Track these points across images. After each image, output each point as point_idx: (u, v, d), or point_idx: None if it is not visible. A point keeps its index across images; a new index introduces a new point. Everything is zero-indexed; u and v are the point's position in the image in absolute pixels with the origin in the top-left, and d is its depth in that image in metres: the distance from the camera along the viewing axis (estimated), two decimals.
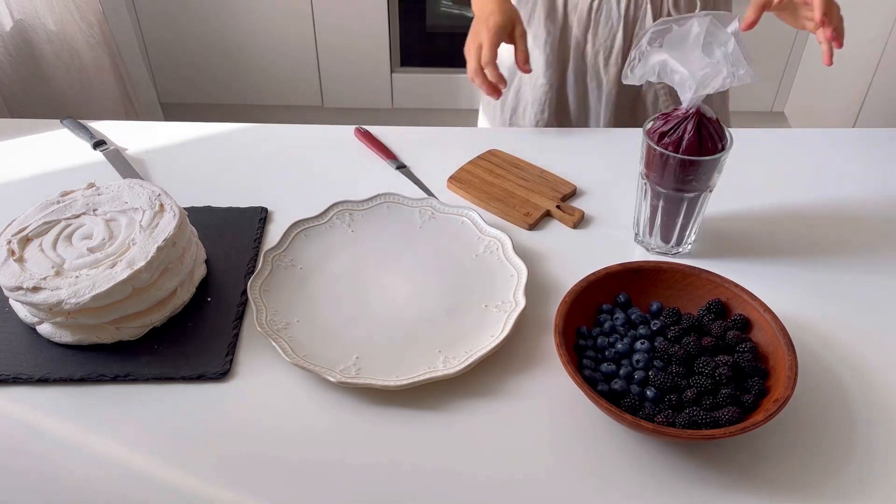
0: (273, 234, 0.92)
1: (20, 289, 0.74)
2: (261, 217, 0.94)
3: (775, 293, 0.79)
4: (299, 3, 2.29)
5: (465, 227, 0.91)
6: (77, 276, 0.75)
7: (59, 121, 1.13)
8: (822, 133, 1.12)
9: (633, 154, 0.91)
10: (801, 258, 0.89)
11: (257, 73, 2.46)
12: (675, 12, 1.12)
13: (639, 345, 0.73)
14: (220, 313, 0.81)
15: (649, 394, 0.69)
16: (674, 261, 0.84)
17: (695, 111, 0.79)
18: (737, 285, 0.76)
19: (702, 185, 0.82)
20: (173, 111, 2.54)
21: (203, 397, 0.73)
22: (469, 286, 0.84)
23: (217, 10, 2.32)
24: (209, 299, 0.83)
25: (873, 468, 0.67)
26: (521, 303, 0.79)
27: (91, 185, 0.87)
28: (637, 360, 0.72)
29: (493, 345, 0.74)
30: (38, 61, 1.77)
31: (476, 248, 0.89)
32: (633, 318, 0.76)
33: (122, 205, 0.83)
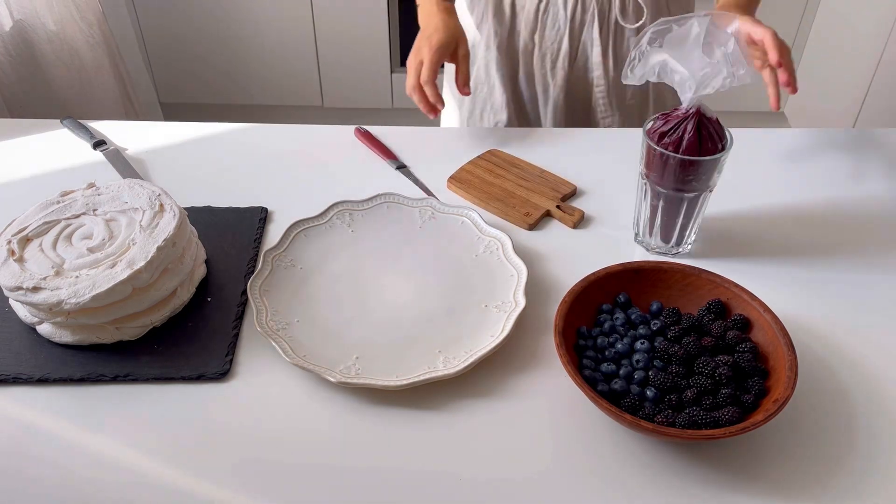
0: (273, 234, 0.92)
1: (20, 289, 0.74)
2: (261, 217, 0.94)
3: (775, 293, 0.79)
4: (299, 3, 2.29)
5: (465, 227, 0.91)
6: (77, 276, 0.75)
7: (59, 121, 1.12)
8: (822, 133, 1.12)
9: (633, 154, 0.91)
10: (801, 258, 0.89)
11: (257, 73, 2.46)
12: (621, 18, 1.10)
13: (639, 345, 0.73)
14: (220, 313, 0.81)
15: (649, 394, 0.69)
16: (674, 261, 0.84)
17: (695, 111, 0.79)
18: (737, 285, 0.76)
19: (702, 185, 0.82)
20: (173, 111, 2.54)
21: (203, 397, 0.73)
22: (469, 286, 0.84)
23: (217, 10, 2.32)
24: (209, 299, 0.83)
25: (873, 468, 0.67)
26: (521, 303, 0.79)
27: (91, 185, 0.87)
28: (637, 360, 0.72)
29: (493, 345, 0.74)
30: (37, 61, 1.77)
31: (476, 248, 0.89)
32: (633, 318, 0.76)
33: (122, 205, 0.83)
